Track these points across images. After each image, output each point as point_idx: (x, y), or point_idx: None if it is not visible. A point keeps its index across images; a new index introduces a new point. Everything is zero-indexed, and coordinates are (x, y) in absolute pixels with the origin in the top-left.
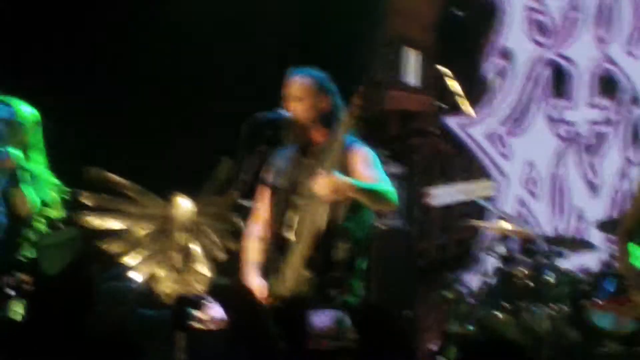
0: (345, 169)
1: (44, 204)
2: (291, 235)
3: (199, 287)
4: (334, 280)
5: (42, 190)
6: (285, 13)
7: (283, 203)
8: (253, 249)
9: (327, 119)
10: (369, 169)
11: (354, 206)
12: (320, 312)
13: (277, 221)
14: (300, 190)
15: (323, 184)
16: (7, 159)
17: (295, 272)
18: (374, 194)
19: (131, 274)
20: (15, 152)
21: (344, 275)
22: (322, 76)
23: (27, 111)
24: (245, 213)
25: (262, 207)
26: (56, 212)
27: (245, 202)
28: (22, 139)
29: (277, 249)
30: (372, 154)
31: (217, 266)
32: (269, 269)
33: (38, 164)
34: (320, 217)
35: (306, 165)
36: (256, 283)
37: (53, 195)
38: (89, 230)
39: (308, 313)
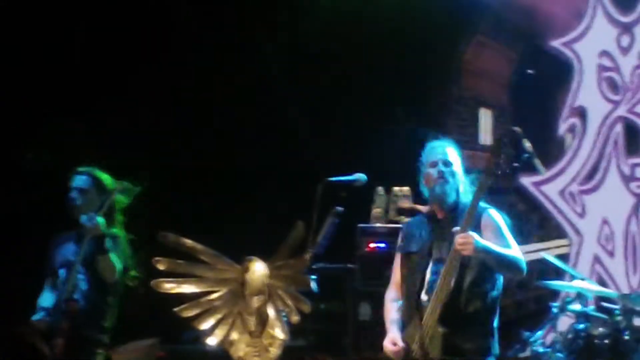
0: (478, 232)
1: (125, 269)
2: (425, 296)
3: (273, 351)
4: (468, 336)
5: (121, 255)
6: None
7: (416, 267)
8: (390, 309)
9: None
10: (498, 237)
11: (485, 267)
12: None
13: (412, 284)
14: (433, 254)
15: (463, 239)
16: (96, 225)
17: (430, 329)
18: (504, 260)
19: (205, 338)
20: (102, 220)
21: (477, 331)
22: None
23: (104, 179)
24: (319, 275)
25: (396, 271)
26: (134, 277)
27: (320, 264)
28: (101, 206)
29: (411, 308)
30: (503, 219)
31: (291, 329)
32: (405, 327)
33: (118, 229)
34: (452, 278)
35: (438, 231)
36: (393, 335)
37: (131, 259)
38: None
39: None
